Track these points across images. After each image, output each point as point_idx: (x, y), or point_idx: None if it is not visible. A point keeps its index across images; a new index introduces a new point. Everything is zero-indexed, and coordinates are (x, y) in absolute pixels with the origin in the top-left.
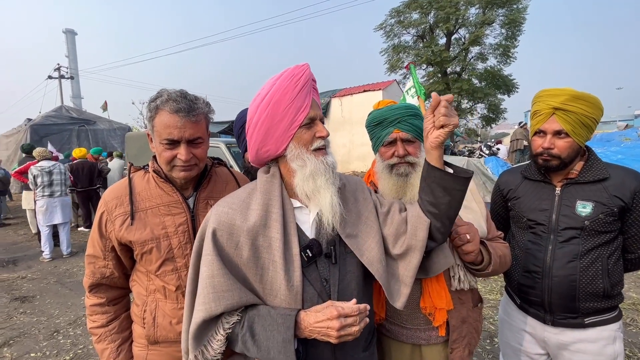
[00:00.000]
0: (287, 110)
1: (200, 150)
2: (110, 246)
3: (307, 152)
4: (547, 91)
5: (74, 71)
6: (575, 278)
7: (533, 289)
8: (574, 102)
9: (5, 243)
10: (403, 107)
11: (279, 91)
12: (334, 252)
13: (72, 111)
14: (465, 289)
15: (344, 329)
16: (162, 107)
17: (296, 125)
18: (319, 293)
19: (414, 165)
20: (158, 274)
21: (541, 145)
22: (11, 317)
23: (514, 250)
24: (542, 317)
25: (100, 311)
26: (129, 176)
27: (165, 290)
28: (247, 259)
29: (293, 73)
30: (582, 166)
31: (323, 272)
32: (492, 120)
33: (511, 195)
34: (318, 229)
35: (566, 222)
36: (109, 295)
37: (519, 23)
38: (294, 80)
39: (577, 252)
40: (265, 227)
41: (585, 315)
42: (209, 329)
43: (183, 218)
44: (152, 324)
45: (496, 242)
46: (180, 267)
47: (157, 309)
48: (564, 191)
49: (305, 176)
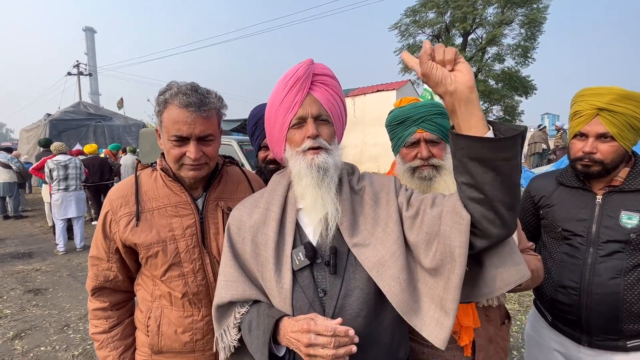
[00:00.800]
0: (277, 111)
1: (211, 148)
2: (115, 248)
3: (297, 153)
4: (590, 90)
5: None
6: (618, 297)
7: (568, 306)
8: (622, 102)
9: (22, 235)
10: (428, 105)
11: (273, 93)
12: (332, 261)
13: (89, 107)
14: (493, 305)
15: (313, 348)
16: (171, 101)
17: (287, 126)
18: (310, 302)
19: (439, 168)
20: (164, 279)
21: (582, 149)
22: (24, 309)
23: (546, 262)
24: (577, 337)
25: (103, 316)
26: (136, 174)
27: (171, 296)
28: (250, 255)
29: (286, 73)
30: (627, 173)
31: (321, 282)
32: (508, 122)
33: (544, 202)
34: (322, 234)
35: (608, 234)
36: (113, 299)
37: (539, 23)
38: (285, 80)
39: (622, 267)
40: (264, 224)
41: (628, 338)
42: (227, 315)
43: (191, 220)
44: (156, 332)
45: (527, 254)
46: (187, 273)
47: (162, 316)
48: (606, 200)
49: (295, 178)
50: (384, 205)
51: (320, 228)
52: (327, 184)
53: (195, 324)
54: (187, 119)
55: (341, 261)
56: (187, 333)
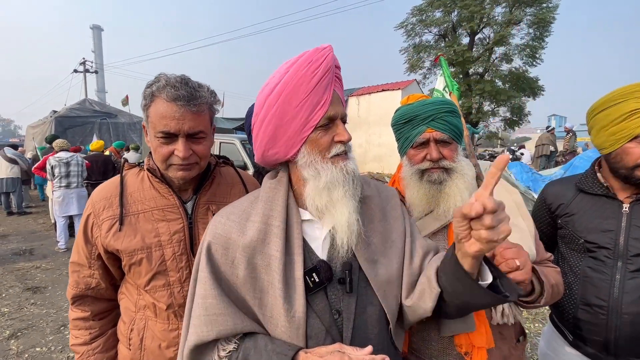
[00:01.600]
0: (300, 106)
1: (202, 146)
2: (97, 254)
3: (323, 159)
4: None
5: (99, 66)
6: None
7: (594, 325)
8: None
9: (24, 231)
10: (438, 102)
11: (291, 81)
12: (349, 278)
13: (95, 104)
14: (509, 323)
15: None
16: (158, 94)
17: (311, 126)
18: (327, 328)
19: (450, 171)
20: (147, 289)
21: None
22: (22, 307)
23: (566, 276)
24: (603, 359)
25: (84, 326)
26: (122, 174)
27: (156, 308)
28: (243, 280)
29: (311, 59)
30: None
31: (335, 302)
32: (515, 123)
33: (562, 211)
34: (331, 248)
35: (638, 247)
36: (95, 308)
37: (548, 23)
38: (311, 68)
39: None
40: (263, 243)
41: None
42: (205, 354)
43: (179, 225)
44: (138, 347)
45: (546, 266)
46: (173, 283)
47: (145, 328)
48: (634, 209)
49: (319, 188)
50: (392, 222)
51: (327, 242)
52: (355, 194)
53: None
54: (176, 113)
55: (355, 277)
56: (172, 348)
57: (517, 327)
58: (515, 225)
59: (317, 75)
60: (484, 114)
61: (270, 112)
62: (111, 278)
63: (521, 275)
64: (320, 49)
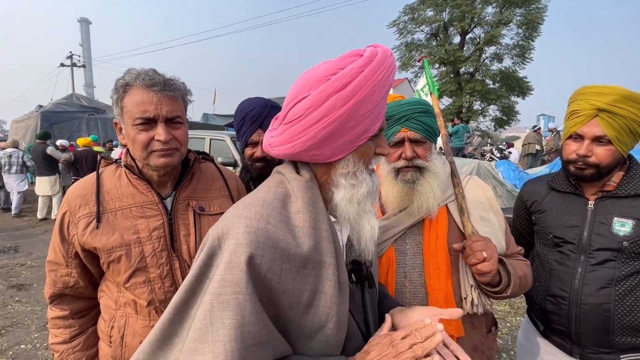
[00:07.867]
0: (368, 114)
1: (181, 131)
2: (74, 252)
3: (366, 170)
4: (591, 88)
5: (87, 60)
6: (609, 307)
7: (558, 316)
8: (624, 103)
9: (9, 228)
10: (412, 103)
11: (366, 86)
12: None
13: (82, 99)
14: (479, 313)
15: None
16: (132, 83)
17: (367, 136)
18: (359, 324)
19: (423, 170)
20: (127, 286)
21: (576, 152)
22: (6, 305)
23: (538, 270)
24: (569, 348)
25: (63, 325)
26: (98, 171)
27: (137, 304)
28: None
29: (384, 62)
30: (621, 177)
31: (360, 298)
32: (505, 123)
33: (535, 207)
34: (351, 248)
35: (600, 241)
36: (74, 307)
37: (537, 23)
38: (385, 73)
39: (613, 277)
40: (314, 250)
41: (621, 352)
42: None
43: (159, 221)
44: (119, 344)
45: (516, 259)
46: (153, 279)
47: (126, 325)
48: (599, 206)
49: (354, 197)
50: None
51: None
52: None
53: None
54: (153, 98)
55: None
56: None
57: (489, 317)
58: (487, 220)
59: (389, 83)
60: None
61: (336, 113)
62: (90, 276)
63: (488, 266)
64: (388, 52)
